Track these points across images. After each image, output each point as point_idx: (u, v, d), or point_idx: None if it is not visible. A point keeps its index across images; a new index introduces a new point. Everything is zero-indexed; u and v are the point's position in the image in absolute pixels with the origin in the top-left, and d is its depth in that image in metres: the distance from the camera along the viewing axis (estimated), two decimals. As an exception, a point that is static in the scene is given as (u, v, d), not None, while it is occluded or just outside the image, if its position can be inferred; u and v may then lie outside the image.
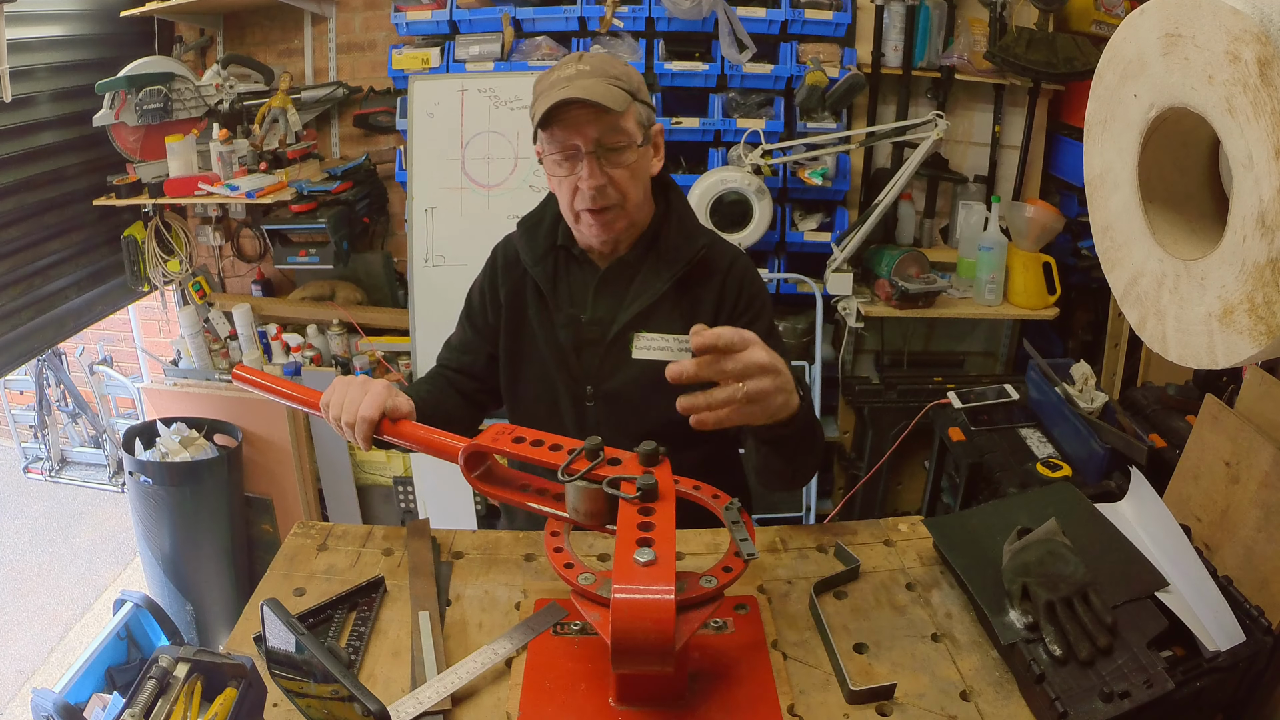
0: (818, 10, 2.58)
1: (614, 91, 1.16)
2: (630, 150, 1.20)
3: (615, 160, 1.19)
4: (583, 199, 1.21)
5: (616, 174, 1.20)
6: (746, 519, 0.89)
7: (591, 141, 1.17)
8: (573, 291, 1.31)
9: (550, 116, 1.16)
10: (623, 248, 1.30)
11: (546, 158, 1.22)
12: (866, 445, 2.62)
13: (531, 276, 1.32)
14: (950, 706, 0.88)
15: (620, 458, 0.90)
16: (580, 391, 1.29)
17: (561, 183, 1.23)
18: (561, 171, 1.21)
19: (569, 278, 1.32)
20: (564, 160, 1.20)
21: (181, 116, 2.71)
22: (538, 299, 1.32)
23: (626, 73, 1.22)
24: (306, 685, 0.79)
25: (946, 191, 2.85)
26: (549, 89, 1.18)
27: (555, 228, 1.33)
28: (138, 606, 2.06)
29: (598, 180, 1.18)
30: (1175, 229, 0.90)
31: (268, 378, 1.11)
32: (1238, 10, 0.70)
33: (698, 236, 1.30)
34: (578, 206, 1.22)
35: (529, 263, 1.32)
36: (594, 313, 1.29)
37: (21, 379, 3.89)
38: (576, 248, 1.31)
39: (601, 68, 1.20)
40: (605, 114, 1.15)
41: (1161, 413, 1.88)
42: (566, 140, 1.18)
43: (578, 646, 0.95)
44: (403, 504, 2.92)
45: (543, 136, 1.20)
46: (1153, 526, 1.04)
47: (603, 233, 1.24)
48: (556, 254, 1.32)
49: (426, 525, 1.17)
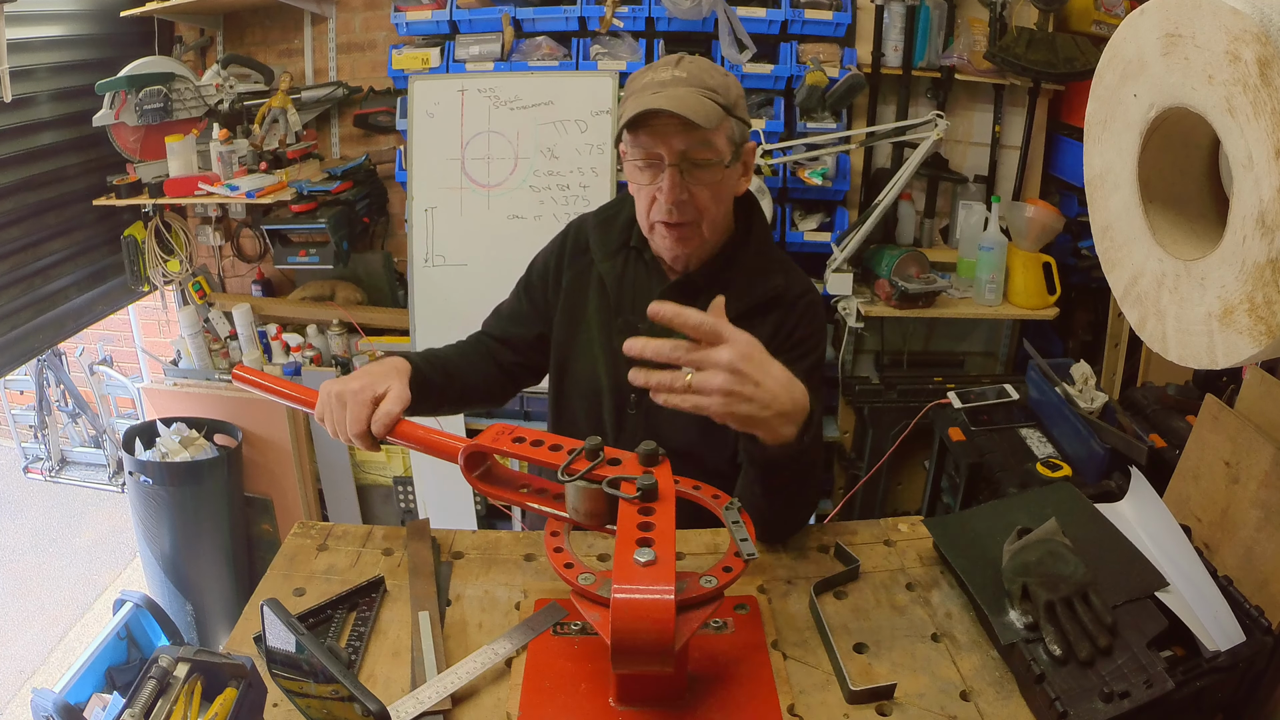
0: (818, 10, 2.58)
1: (707, 105, 1.10)
2: (716, 169, 1.14)
3: (699, 177, 1.14)
4: (659, 211, 1.16)
5: (698, 191, 1.15)
6: (746, 519, 0.89)
7: (676, 154, 1.12)
8: (636, 296, 1.27)
9: (637, 122, 1.11)
10: (694, 263, 1.25)
11: (628, 161, 1.18)
12: (866, 445, 2.62)
13: (599, 270, 1.29)
14: (950, 706, 0.88)
15: (620, 458, 0.90)
16: (624, 399, 1.27)
17: (640, 190, 1.18)
18: (642, 179, 1.16)
19: (635, 281, 1.28)
20: (645, 168, 1.15)
21: (181, 116, 2.70)
22: (600, 295, 1.29)
23: (725, 84, 1.15)
24: (306, 685, 0.79)
25: (946, 191, 2.85)
26: (640, 91, 1.13)
27: (630, 226, 1.29)
28: (138, 606, 2.06)
29: (677, 195, 1.13)
30: (1175, 229, 0.91)
31: (267, 378, 1.11)
32: (1238, 10, 0.70)
33: (773, 274, 1.25)
34: (653, 218, 1.18)
35: (599, 257, 1.29)
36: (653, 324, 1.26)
37: (21, 379, 3.89)
38: (648, 252, 1.27)
39: (699, 76, 1.13)
40: (694, 128, 1.10)
41: (1161, 413, 1.88)
42: (650, 148, 1.13)
43: (578, 646, 0.95)
44: (403, 504, 2.92)
45: (627, 138, 1.16)
46: (1153, 526, 1.04)
47: (675, 247, 1.20)
48: (627, 254, 1.29)
49: (426, 525, 1.17)
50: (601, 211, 1.35)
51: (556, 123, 2.57)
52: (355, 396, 1.02)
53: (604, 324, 1.28)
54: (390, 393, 1.04)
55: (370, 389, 1.03)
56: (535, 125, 2.58)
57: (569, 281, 1.31)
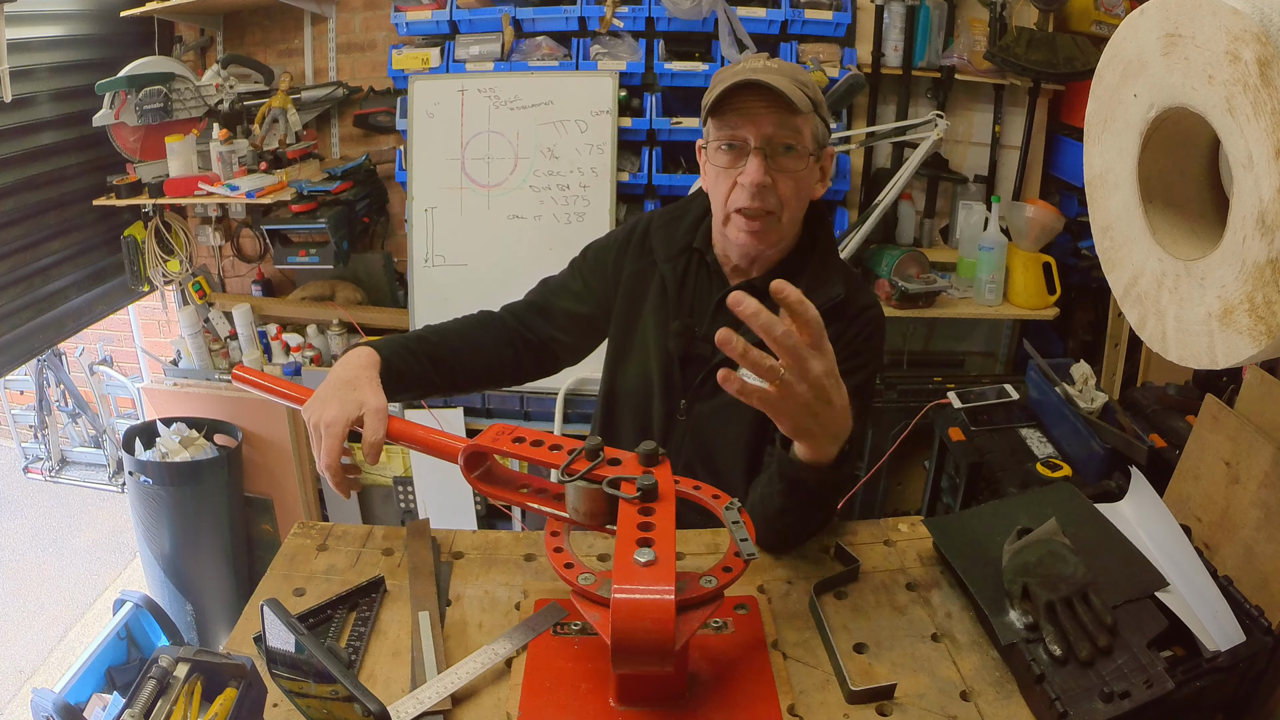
0: (818, 10, 2.58)
1: (798, 92, 1.08)
2: (802, 157, 1.12)
3: (783, 164, 1.11)
4: (740, 195, 1.12)
5: (781, 180, 1.12)
6: (746, 519, 0.88)
7: (763, 137, 1.09)
8: (696, 300, 1.25)
9: (724, 101, 1.08)
10: (757, 269, 1.22)
11: (710, 145, 1.14)
12: (866, 445, 2.61)
13: (660, 270, 1.26)
14: (950, 706, 0.88)
15: (620, 458, 0.90)
16: (674, 405, 1.25)
17: (720, 175, 1.14)
18: (723, 160, 1.13)
19: (695, 284, 1.25)
20: (729, 150, 1.12)
21: (181, 116, 2.70)
22: (660, 295, 1.26)
23: (813, 84, 1.14)
24: (306, 685, 0.79)
25: (946, 191, 2.85)
26: (730, 77, 1.10)
27: (695, 228, 1.26)
28: (138, 606, 2.06)
29: (761, 178, 1.09)
30: (1175, 229, 0.91)
31: (267, 378, 1.11)
32: (1238, 10, 0.70)
33: (834, 284, 1.21)
34: (733, 205, 1.14)
35: (661, 258, 1.26)
36: (709, 330, 1.20)
37: (21, 379, 3.89)
38: (710, 254, 1.24)
39: (790, 70, 1.12)
40: (783, 111, 1.07)
41: (1161, 413, 1.88)
42: (737, 129, 1.10)
43: (578, 646, 0.95)
44: (403, 504, 2.92)
45: (711, 124, 1.12)
46: (1153, 526, 1.04)
47: (751, 240, 1.16)
48: (690, 256, 1.26)
49: (426, 525, 1.17)
50: (669, 211, 1.32)
51: (556, 123, 2.58)
52: (329, 430, 0.99)
53: (660, 326, 1.25)
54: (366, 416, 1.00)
55: (342, 419, 1.00)
56: (535, 125, 2.58)
57: (629, 277, 1.29)
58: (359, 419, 1.00)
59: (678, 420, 1.25)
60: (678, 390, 1.24)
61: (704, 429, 1.23)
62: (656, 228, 1.30)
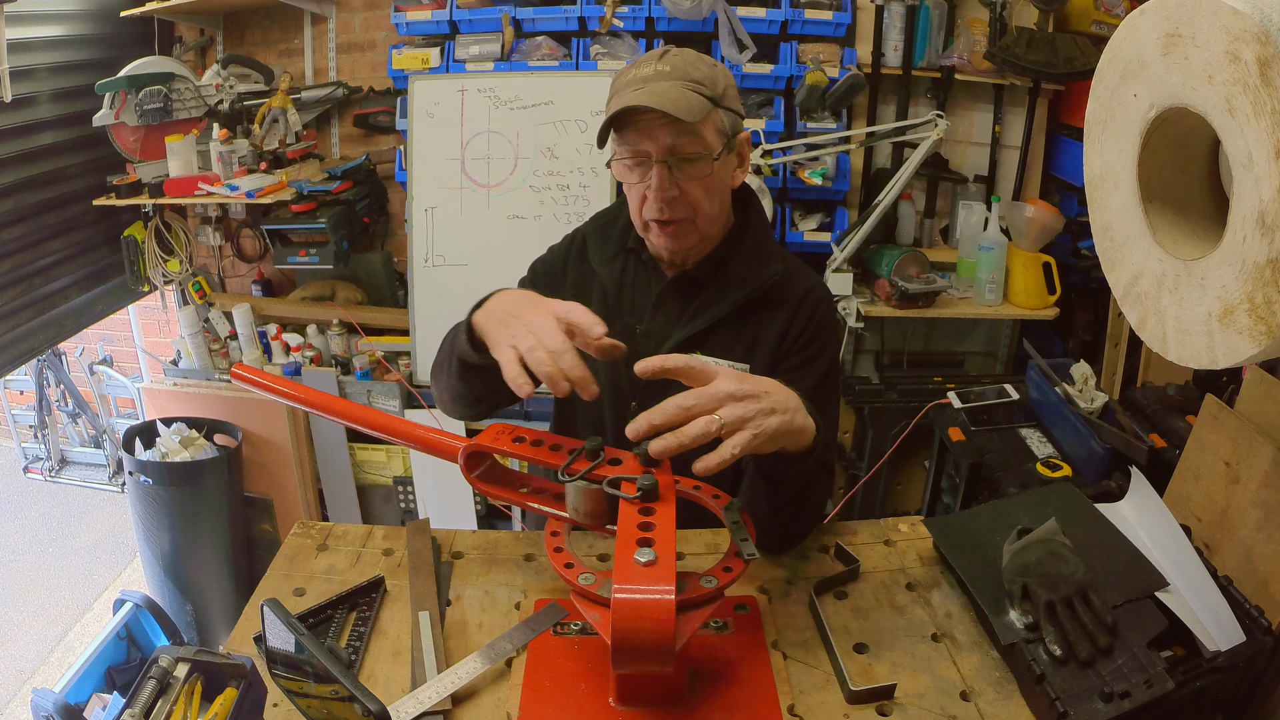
0: (818, 10, 2.59)
1: (690, 98, 1.07)
2: (705, 162, 1.11)
3: (688, 172, 1.11)
4: (651, 209, 1.14)
5: (689, 186, 1.12)
6: (747, 519, 0.89)
7: (663, 149, 1.09)
8: (635, 299, 1.25)
9: (620, 120, 1.09)
10: (690, 261, 1.23)
11: (616, 161, 1.15)
12: (866, 445, 2.62)
13: (598, 275, 1.27)
14: (950, 706, 0.88)
15: (620, 458, 0.90)
16: (624, 404, 1.25)
17: (631, 189, 1.16)
18: (631, 178, 1.14)
19: (634, 284, 1.26)
20: (634, 166, 1.13)
21: (181, 116, 2.70)
22: (601, 300, 1.27)
23: (712, 76, 1.12)
24: (306, 685, 0.79)
25: (946, 191, 2.85)
26: (623, 89, 1.11)
27: (628, 230, 1.26)
28: (138, 606, 2.06)
29: (667, 192, 1.11)
30: (1175, 229, 0.90)
31: (267, 376, 1.11)
32: (1238, 10, 0.70)
33: (771, 262, 1.22)
34: (646, 216, 1.16)
35: (597, 263, 1.27)
36: (650, 325, 1.22)
37: (21, 379, 3.89)
38: (646, 253, 1.25)
39: (683, 69, 1.10)
40: (679, 122, 1.06)
41: (1161, 413, 1.88)
42: (637, 145, 1.11)
43: (578, 646, 0.95)
44: (403, 504, 2.92)
45: (614, 138, 1.13)
46: (1153, 526, 1.04)
47: (671, 244, 1.18)
48: (626, 256, 1.27)
49: (426, 525, 1.17)
50: (599, 217, 1.33)
51: (556, 123, 2.58)
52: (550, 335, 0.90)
53: None
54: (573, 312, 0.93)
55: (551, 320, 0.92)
56: (535, 125, 2.58)
57: (571, 285, 1.30)
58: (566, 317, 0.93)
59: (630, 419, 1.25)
60: (626, 390, 1.24)
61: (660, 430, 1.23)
62: (590, 234, 1.30)
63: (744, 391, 0.86)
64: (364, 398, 2.82)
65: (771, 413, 0.88)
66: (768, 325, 1.21)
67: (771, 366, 1.20)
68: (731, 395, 0.85)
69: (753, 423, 0.86)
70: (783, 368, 1.20)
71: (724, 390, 0.85)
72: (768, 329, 1.21)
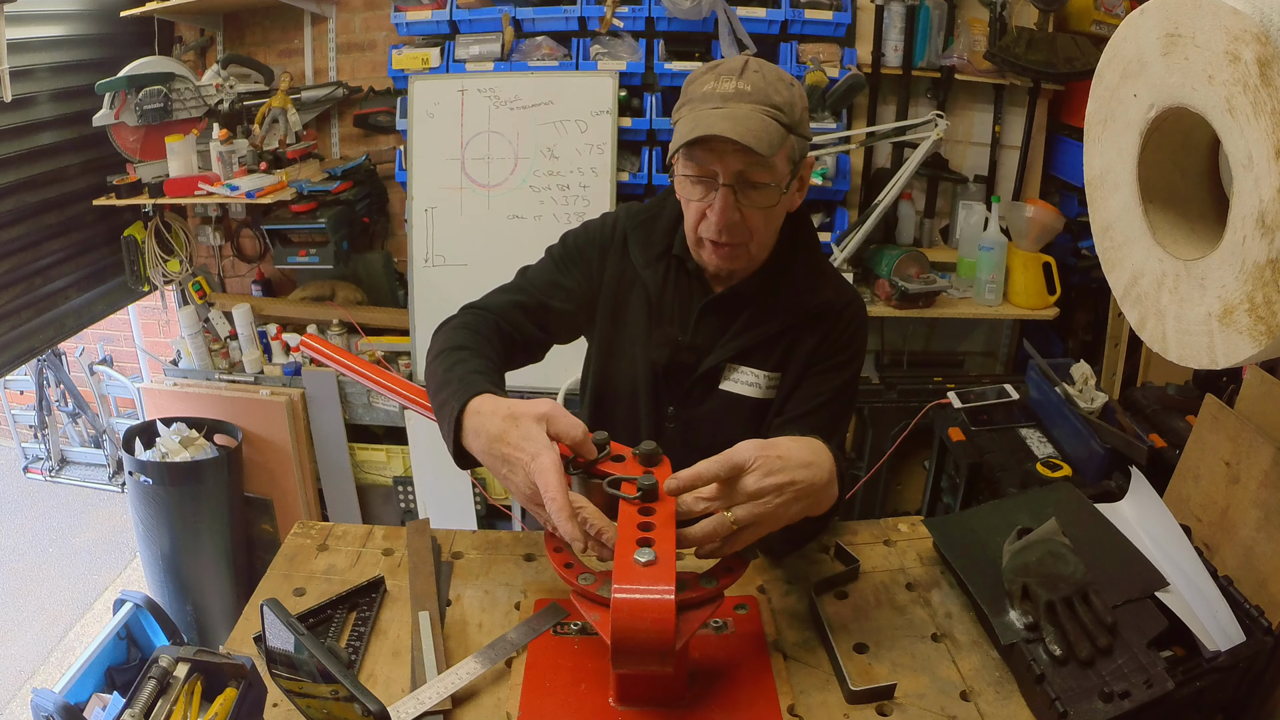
0: (818, 10, 2.58)
1: (770, 128, 1.04)
2: (772, 192, 1.09)
3: (754, 199, 1.09)
4: (709, 229, 1.11)
5: (750, 213, 1.10)
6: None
7: (732, 174, 1.07)
8: (679, 308, 1.23)
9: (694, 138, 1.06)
10: (738, 277, 1.21)
11: (679, 174, 1.12)
12: (866, 445, 2.62)
13: (641, 276, 1.24)
14: (950, 706, 0.88)
15: (622, 454, 0.90)
16: (662, 413, 1.24)
17: (689, 204, 1.13)
18: (693, 194, 1.11)
19: (676, 291, 1.23)
20: (698, 182, 1.10)
21: (181, 116, 2.70)
22: (643, 301, 1.24)
23: (790, 100, 1.07)
24: (306, 685, 0.79)
25: (946, 191, 2.84)
26: (699, 102, 1.07)
27: (672, 231, 1.23)
28: (138, 606, 2.06)
29: (730, 216, 1.08)
30: (1175, 229, 0.90)
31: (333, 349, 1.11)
32: (1238, 10, 0.70)
33: (821, 289, 1.21)
34: (702, 234, 1.13)
35: (640, 264, 1.24)
36: (693, 338, 1.21)
37: (21, 379, 3.89)
38: (691, 262, 1.22)
39: (764, 91, 1.06)
40: (754, 151, 1.03)
41: (1161, 413, 1.88)
42: (705, 164, 1.07)
43: (578, 646, 0.95)
44: (403, 504, 2.92)
45: (681, 151, 1.09)
46: (1153, 526, 1.04)
47: (721, 264, 1.16)
48: (669, 262, 1.24)
49: (426, 525, 1.17)
50: (639, 213, 1.28)
51: (556, 123, 2.57)
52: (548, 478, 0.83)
53: (645, 333, 1.24)
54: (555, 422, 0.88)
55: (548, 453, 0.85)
56: (535, 125, 2.58)
57: (610, 280, 1.27)
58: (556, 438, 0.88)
59: (666, 427, 1.25)
60: (665, 399, 1.23)
61: (694, 435, 1.23)
62: (632, 229, 1.27)
63: (767, 483, 0.85)
64: (364, 397, 2.83)
65: (795, 501, 0.87)
66: (806, 338, 1.20)
67: (801, 373, 1.20)
68: (755, 490, 0.85)
69: (769, 520, 0.86)
70: (810, 373, 1.20)
71: (749, 486, 0.85)
72: (806, 341, 1.20)
